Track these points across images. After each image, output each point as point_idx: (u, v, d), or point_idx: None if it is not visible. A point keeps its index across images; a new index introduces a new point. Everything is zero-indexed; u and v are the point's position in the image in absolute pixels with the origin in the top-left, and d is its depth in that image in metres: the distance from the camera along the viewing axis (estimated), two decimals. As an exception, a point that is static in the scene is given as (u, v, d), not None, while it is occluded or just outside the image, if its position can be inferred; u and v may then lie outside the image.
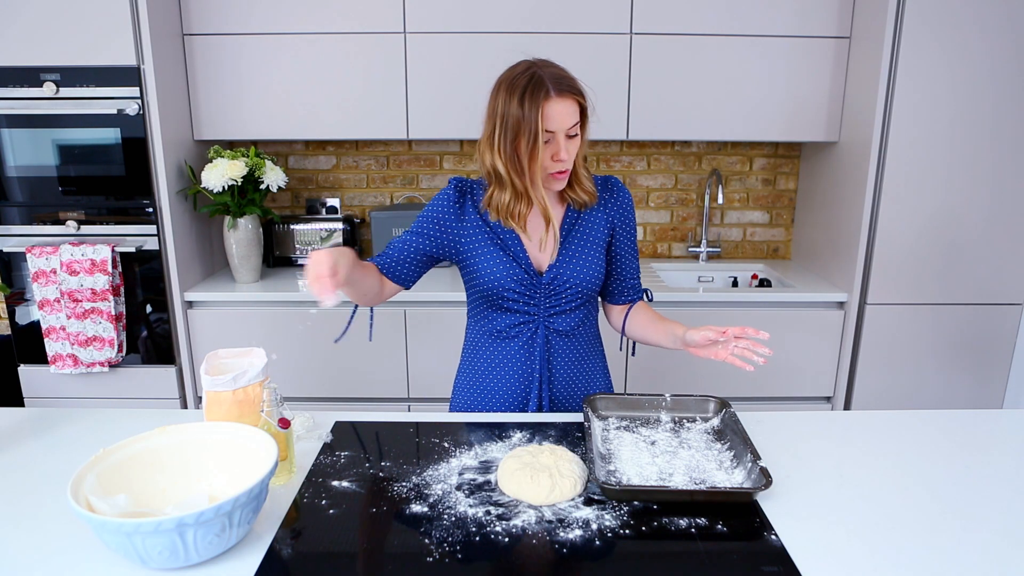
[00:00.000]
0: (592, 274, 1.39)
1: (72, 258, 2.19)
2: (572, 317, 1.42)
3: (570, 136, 1.27)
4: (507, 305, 1.39)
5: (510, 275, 1.35)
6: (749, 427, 1.31)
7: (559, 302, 1.39)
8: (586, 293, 1.40)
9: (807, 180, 2.73)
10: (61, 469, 1.16)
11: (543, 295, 1.38)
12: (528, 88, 1.23)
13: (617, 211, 1.42)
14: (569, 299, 1.39)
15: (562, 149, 1.26)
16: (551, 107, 1.23)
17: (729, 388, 2.39)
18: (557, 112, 1.23)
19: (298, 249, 2.70)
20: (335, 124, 2.42)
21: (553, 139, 1.25)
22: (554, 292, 1.38)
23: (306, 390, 2.39)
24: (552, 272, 1.37)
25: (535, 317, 1.40)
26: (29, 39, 2.11)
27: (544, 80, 1.23)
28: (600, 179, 1.43)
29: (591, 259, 1.39)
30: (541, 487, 1.06)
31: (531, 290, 1.37)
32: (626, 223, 1.43)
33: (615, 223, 1.42)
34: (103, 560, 0.93)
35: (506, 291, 1.36)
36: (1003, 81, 2.14)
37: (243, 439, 1.06)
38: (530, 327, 1.41)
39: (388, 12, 2.31)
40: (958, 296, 2.31)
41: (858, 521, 1.03)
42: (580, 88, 1.26)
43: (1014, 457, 1.25)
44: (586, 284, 1.39)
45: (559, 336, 1.42)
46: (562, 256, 1.37)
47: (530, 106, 1.22)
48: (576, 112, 1.25)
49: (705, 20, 2.33)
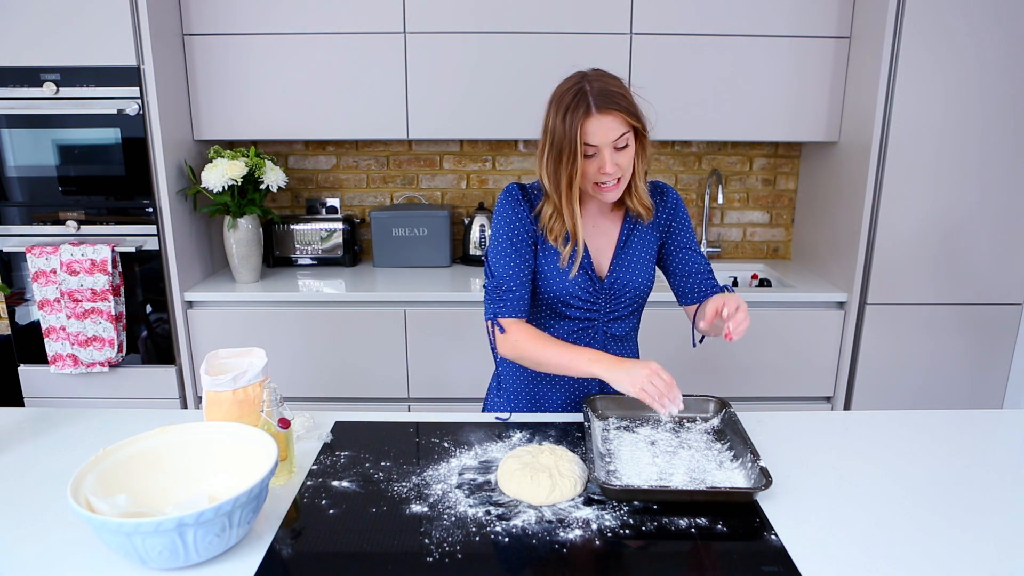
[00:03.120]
0: (647, 279, 1.40)
1: (72, 258, 2.19)
2: (628, 323, 1.43)
3: (619, 148, 1.25)
4: (569, 311, 1.39)
5: (575, 282, 1.35)
6: (749, 427, 1.31)
7: (618, 307, 1.40)
8: (642, 298, 1.42)
9: (807, 180, 2.73)
10: (61, 469, 1.16)
11: (604, 300, 1.39)
12: (571, 105, 1.22)
13: (667, 214, 1.42)
14: (627, 303, 1.41)
15: (608, 163, 1.24)
16: (591, 124, 1.22)
17: (729, 388, 2.39)
18: (598, 128, 1.22)
19: (298, 249, 2.70)
20: (335, 124, 2.42)
21: (598, 153, 1.24)
22: (614, 296, 1.39)
23: (306, 390, 2.39)
24: (612, 277, 1.37)
25: (595, 323, 1.41)
26: (29, 39, 2.11)
27: (587, 96, 1.22)
28: (649, 185, 1.42)
29: (646, 265, 1.40)
30: (541, 487, 1.06)
31: (594, 295, 1.38)
32: (678, 223, 1.43)
33: (667, 225, 1.43)
34: (103, 560, 0.93)
35: (572, 297, 1.36)
36: (1003, 81, 2.14)
37: (243, 439, 1.06)
38: (589, 332, 1.41)
39: (388, 12, 2.31)
40: (958, 296, 2.31)
41: (858, 521, 1.03)
42: (627, 104, 1.24)
43: (1014, 457, 1.25)
44: (642, 289, 1.40)
45: (615, 341, 1.43)
46: (620, 261, 1.38)
47: (571, 123, 1.22)
48: (621, 126, 1.23)
49: (705, 20, 2.33)
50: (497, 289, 1.35)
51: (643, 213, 1.36)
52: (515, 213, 1.35)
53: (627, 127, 1.24)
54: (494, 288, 1.35)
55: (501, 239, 1.35)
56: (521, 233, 1.34)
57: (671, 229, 1.43)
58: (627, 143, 1.25)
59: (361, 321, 2.34)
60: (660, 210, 1.42)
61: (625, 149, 1.26)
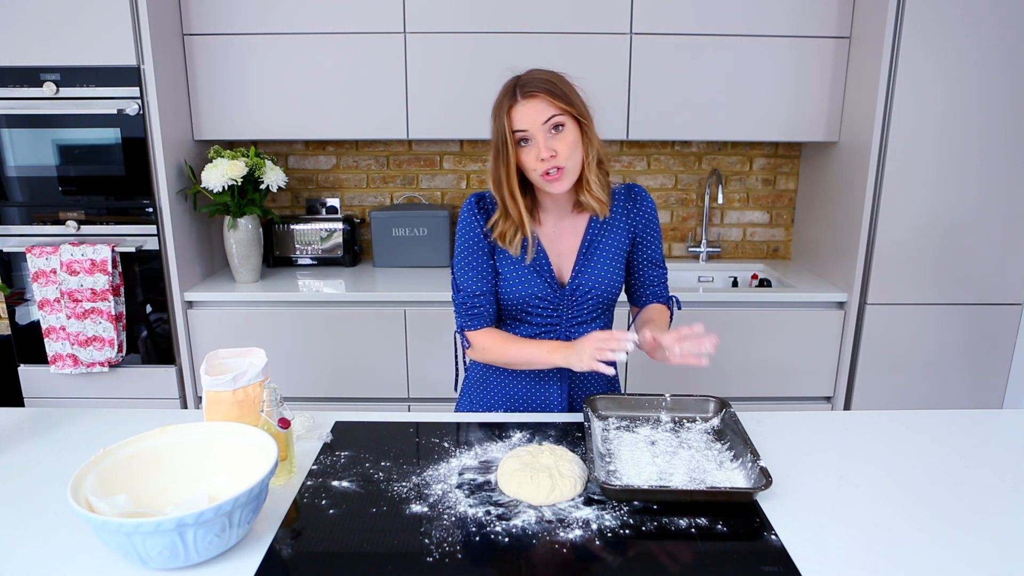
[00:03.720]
0: (612, 283, 1.39)
1: (72, 258, 2.19)
2: (592, 326, 1.42)
3: (555, 133, 1.25)
4: (530, 319, 1.39)
5: (535, 287, 1.36)
6: (749, 427, 1.31)
7: (580, 312, 1.40)
8: (607, 302, 1.41)
9: (807, 180, 2.73)
10: (61, 469, 1.16)
11: (565, 306, 1.38)
12: (500, 102, 1.26)
13: (640, 219, 1.41)
14: (591, 309, 1.40)
15: (543, 147, 1.23)
16: (516, 111, 1.24)
17: (729, 388, 2.39)
18: (523, 114, 1.24)
19: (298, 249, 2.70)
20: (335, 124, 2.42)
21: (533, 140, 1.25)
22: (576, 302, 1.38)
23: (306, 390, 2.39)
24: (574, 283, 1.37)
25: (556, 328, 1.40)
26: (29, 39, 2.11)
27: (514, 87, 1.25)
28: (623, 188, 1.42)
29: (611, 269, 1.39)
30: (541, 487, 1.06)
31: (554, 302, 1.38)
32: (649, 231, 1.42)
33: (637, 231, 1.42)
34: (103, 560, 0.93)
35: (530, 303, 1.37)
36: (1003, 81, 2.14)
37: (243, 439, 1.06)
38: (551, 338, 1.41)
39: (388, 12, 2.31)
40: (958, 296, 2.31)
41: (858, 521, 1.03)
42: (553, 87, 1.24)
43: (1014, 457, 1.25)
44: (607, 294, 1.39)
45: None
46: (583, 266, 1.37)
47: (499, 116, 1.25)
48: (548, 108, 1.23)
49: (705, 20, 2.33)
50: (463, 304, 1.38)
51: (595, 207, 1.34)
52: (470, 225, 1.36)
53: (556, 110, 1.24)
54: (460, 303, 1.39)
55: (461, 252, 1.38)
56: (478, 244, 1.36)
57: (642, 239, 1.42)
58: (561, 125, 1.25)
59: (361, 321, 2.33)
60: (634, 214, 1.41)
61: (562, 133, 1.25)
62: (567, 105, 1.25)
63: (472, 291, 1.37)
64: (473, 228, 1.36)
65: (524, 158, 1.27)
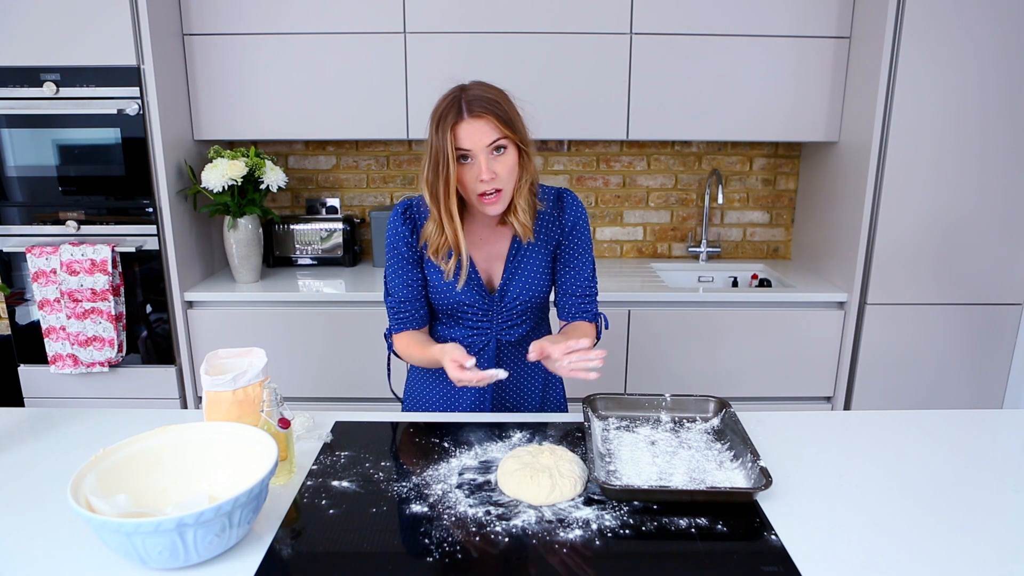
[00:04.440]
0: (539, 289, 1.41)
1: (72, 258, 2.19)
2: (522, 328, 1.45)
3: (496, 155, 1.24)
4: (464, 320, 1.42)
5: (464, 295, 1.37)
6: (749, 427, 1.31)
7: (511, 316, 1.42)
8: (535, 306, 1.43)
9: (807, 180, 2.73)
10: (61, 469, 1.16)
11: (496, 311, 1.41)
12: (444, 113, 1.23)
13: (563, 226, 1.40)
14: (520, 313, 1.42)
15: (484, 169, 1.22)
16: (462, 128, 1.22)
17: (729, 388, 2.39)
18: (469, 132, 1.22)
19: (298, 249, 2.70)
20: (335, 124, 2.42)
21: (474, 160, 1.23)
22: (506, 308, 1.41)
23: (306, 390, 2.39)
24: (502, 290, 1.39)
25: (488, 332, 1.43)
26: (29, 39, 2.11)
27: (460, 102, 1.22)
28: (553, 192, 1.41)
29: (539, 274, 1.40)
30: (541, 487, 1.06)
31: (485, 308, 1.40)
32: (572, 237, 1.40)
33: (560, 238, 1.41)
34: (103, 560, 0.93)
35: (461, 310, 1.40)
36: (1003, 81, 2.14)
37: (243, 439, 1.06)
38: (482, 339, 1.43)
39: (388, 12, 2.31)
40: (958, 296, 2.31)
41: (858, 521, 1.03)
42: (500, 110, 1.23)
43: (1014, 457, 1.25)
44: (535, 299, 1.41)
45: (510, 346, 1.45)
46: (511, 274, 1.39)
47: (443, 130, 1.22)
48: (493, 130, 1.22)
49: (705, 20, 2.33)
50: (391, 308, 1.42)
51: (519, 231, 1.34)
52: (397, 232, 1.37)
53: (500, 134, 1.23)
54: (389, 307, 1.42)
55: (390, 261, 1.40)
56: (405, 251, 1.37)
57: (562, 245, 1.41)
58: (503, 147, 1.24)
59: (361, 321, 2.33)
60: (555, 224, 1.39)
61: (503, 156, 1.25)
62: (510, 131, 1.24)
63: (400, 297, 1.40)
64: (401, 237, 1.36)
65: (464, 176, 1.25)
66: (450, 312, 1.41)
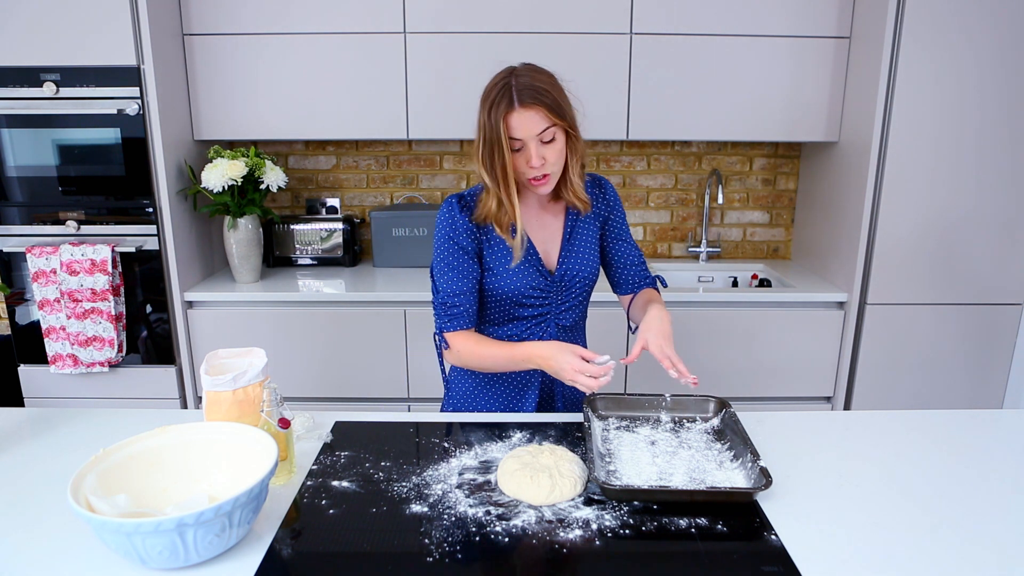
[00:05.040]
0: (594, 266, 1.45)
1: (72, 258, 2.19)
2: (576, 312, 1.47)
3: (545, 142, 1.27)
4: (521, 311, 1.41)
5: (528, 278, 1.38)
6: (749, 427, 1.31)
7: (569, 297, 1.43)
8: (590, 287, 1.46)
9: (807, 180, 2.73)
10: (61, 469, 1.16)
11: (556, 292, 1.42)
12: (496, 99, 1.25)
13: (605, 206, 1.47)
14: (577, 293, 1.44)
15: (534, 156, 1.26)
16: (514, 118, 1.24)
17: (729, 388, 2.39)
18: (520, 122, 1.24)
19: (298, 249, 2.70)
20: (335, 124, 2.42)
21: (524, 147, 1.27)
22: (565, 288, 1.42)
23: (306, 390, 2.39)
24: (562, 269, 1.41)
25: (547, 316, 1.43)
26: (29, 39, 2.11)
27: (511, 90, 1.24)
28: (590, 178, 1.47)
29: (592, 253, 1.44)
30: (541, 487, 1.06)
31: (546, 290, 1.41)
32: (615, 215, 1.48)
33: (605, 216, 1.47)
34: (103, 560, 0.93)
35: (524, 295, 1.39)
36: (1003, 81, 2.14)
37: (243, 439, 1.06)
38: (541, 326, 1.43)
39: (388, 12, 2.31)
40: (958, 296, 2.31)
41: (858, 521, 1.03)
42: (550, 99, 1.25)
43: (1014, 457, 1.25)
44: (591, 277, 1.45)
45: (565, 331, 1.46)
46: (568, 253, 1.41)
47: (496, 118, 1.24)
48: (543, 120, 1.25)
49: (705, 20, 2.33)
50: (443, 305, 1.39)
51: (579, 206, 1.40)
52: (453, 226, 1.37)
53: (550, 123, 1.26)
54: (440, 304, 1.39)
55: (442, 254, 1.38)
56: (462, 245, 1.37)
57: (609, 221, 1.47)
58: (553, 137, 1.28)
59: (361, 321, 2.33)
60: (599, 202, 1.46)
61: (552, 143, 1.28)
62: (560, 119, 1.27)
63: (452, 291, 1.37)
64: (460, 226, 1.37)
65: (516, 161, 1.29)
66: (511, 301, 1.39)
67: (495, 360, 1.35)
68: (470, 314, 1.39)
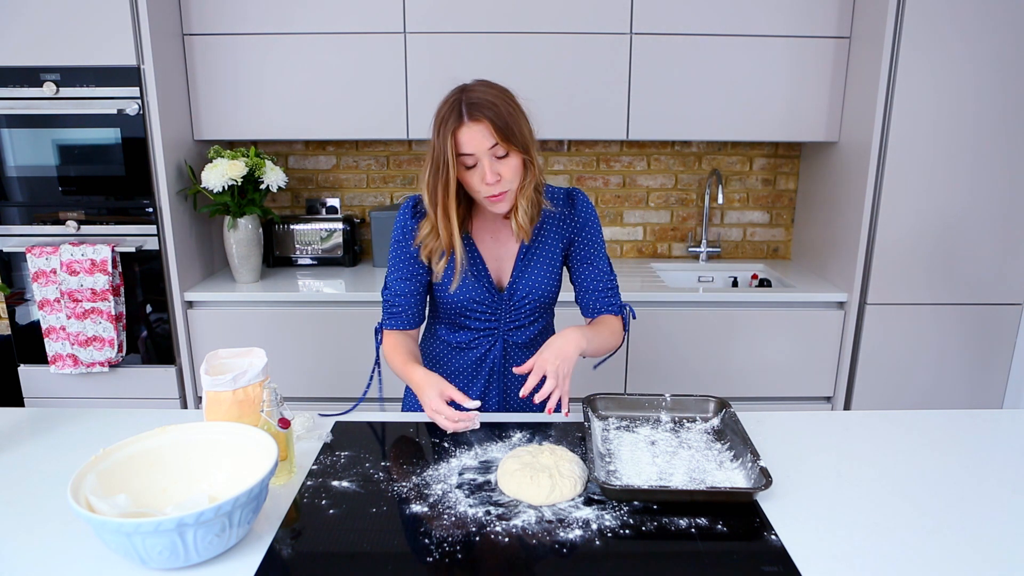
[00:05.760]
0: (549, 288, 1.41)
1: (72, 258, 2.19)
2: (530, 330, 1.45)
3: (499, 157, 1.23)
4: (469, 323, 1.42)
5: (473, 293, 1.37)
6: (749, 427, 1.31)
7: (519, 316, 1.42)
8: (543, 306, 1.43)
9: (807, 180, 2.73)
10: (61, 469, 1.16)
11: (504, 310, 1.41)
12: (444, 117, 1.23)
13: (575, 225, 1.41)
14: (528, 313, 1.42)
15: (488, 172, 1.22)
16: (463, 132, 1.21)
17: (729, 388, 2.39)
18: (470, 137, 1.21)
19: (298, 249, 2.70)
20: (335, 124, 2.42)
21: (478, 163, 1.24)
22: (515, 307, 1.41)
23: (306, 390, 2.39)
24: (511, 288, 1.39)
25: (495, 332, 1.43)
26: (29, 39, 2.11)
27: (460, 105, 1.22)
28: (563, 192, 1.42)
29: (548, 273, 1.40)
30: (541, 487, 1.06)
31: (493, 307, 1.40)
32: (584, 235, 1.42)
33: (571, 237, 1.42)
34: (103, 560, 0.93)
35: (469, 308, 1.39)
36: (1003, 81, 2.14)
37: (243, 439, 1.06)
38: (489, 340, 1.44)
39: (388, 12, 2.31)
40: (958, 296, 2.31)
41: (858, 521, 1.03)
42: (497, 114, 1.21)
43: (1014, 457, 1.25)
44: (544, 298, 1.41)
45: (517, 348, 1.45)
46: (521, 272, 1.39)
47: (444, 135, 1.22)
48: (491, 134, 1.21)
49: (705, 20, 2.33)
50: (386, 302, 1.42)
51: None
52: (405, 226, 1.37)
53: (496, 140, 1.22)
54: (384, 300, 1.42)
55: (393, 254, 1.39)
56: (410, 250, 1.37)
57: (576, 242, 1.42)
58: (507, 152, 1.24)
59: (361, 321, 2.33)
60: (566, 221, 1.41)
61: (507, 158, 1.24)
62: (507, 139, 1.22)
63: (396, 291, 1.40)
64: (408, 231, 1.37)
65: (469, 179, 1.26)
66: (458, 311, 1.40)
67: (396, 371, 1.38)
68: (408, 316, 1.41)
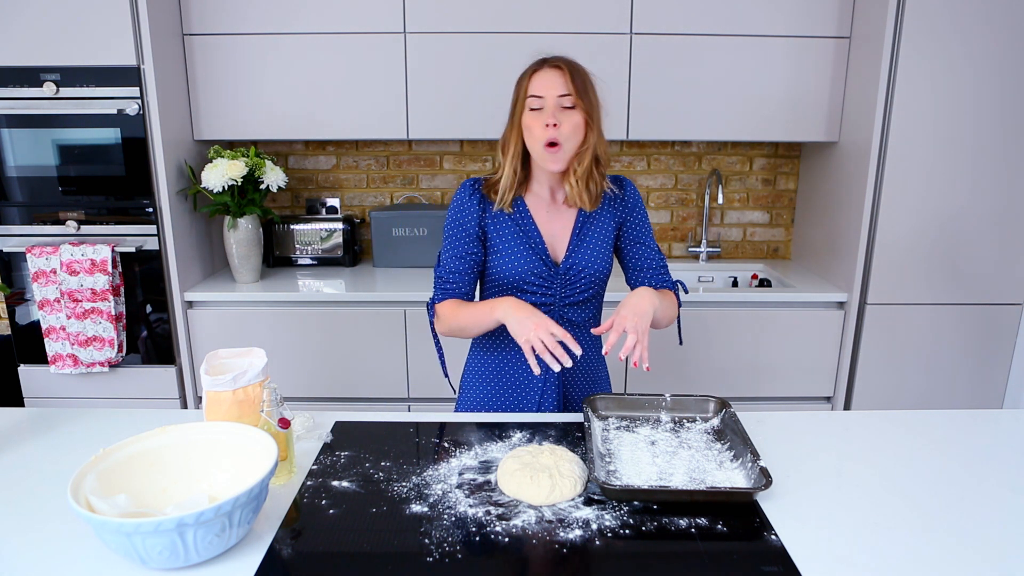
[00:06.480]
0: (603, 264, 1.44)
1: (72, 258, 2.19)
2: (585, 309, 1.47)
3: (565, 108, 1.31)
4: (524, 298, 1.42)
5: (529, 264, 1.39)
6: (749, 427, 1.31)
7: (573, 292, 1.43)
8: (598, 283, 1.46)
9: (807, 180, 2.73)
10: (61, 469, 1.16)
11: (559, 284, 1.42)
12: (527, 69, 1.37)
13: (626, 207, 1.47)
14: (583, 288, 1.44)
15: (550, 115, 1.30)
16: (538, 76, 1.33)
17: (729, 388, 2.39)
18: (543, 80, 1.32)
19: (298, 249, 2.70)
20: (335, 124, 2.42)
21: (544, 106, 1.32)
22: (570, 281, 1.42)
23: (306, 390, 2.39)
24: (568, 262, 1.41)
25: (551, 308, 1.43)
26: (29, 39, 2.11)
27: (543, 56, 1.36)
28: (609, 178, 1.48)
29: (602, 251, 1.44)
30: (541, 487, 1.06)
31: (548, 280, 1.41)
32: (633, 217, 1.48)
33: (622, 218, 1.47)
34: (103, 560, 0.93)
35: (526, 281, 1.40)
36: (1003, 81, 2.14)
37: (243, 439, 1.06)
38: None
39: (388, 12, 2.31)
40: (958, 296, 2.31)
41: (858, 521, 1.03)
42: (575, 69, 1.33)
43: (1014, 457, 1.25)
44: (599, 274, 1.44)
45: (572, 327, 1.46)
46: (575, 247, 1.42)
47: (522, 78, 1.36)
48: (565, 83, 1.31)
49: (705, 20, 2.33)
50: (439, 278, 1.44)
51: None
52: (461, 208, 1.41)
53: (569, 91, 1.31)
54: (437, 276, 1.45)
55: (448, 232, 1.43)
56: (467, 227, 1.41)
57: (627, 222, 1.48)
58: (573, 105, 1.32)
59: (361, 321, 2.33)
60: (618, 201, 1.47)
61: (571, 111, 1.32)
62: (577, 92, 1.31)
63: (450, 267, 1.42)
64: (467, 209, 1.41)
65: (532, 122, 1.33)
66: (514, 285, 1.41)
67: (468, 319, 1.38)
68: (461, 292, 1.43)
